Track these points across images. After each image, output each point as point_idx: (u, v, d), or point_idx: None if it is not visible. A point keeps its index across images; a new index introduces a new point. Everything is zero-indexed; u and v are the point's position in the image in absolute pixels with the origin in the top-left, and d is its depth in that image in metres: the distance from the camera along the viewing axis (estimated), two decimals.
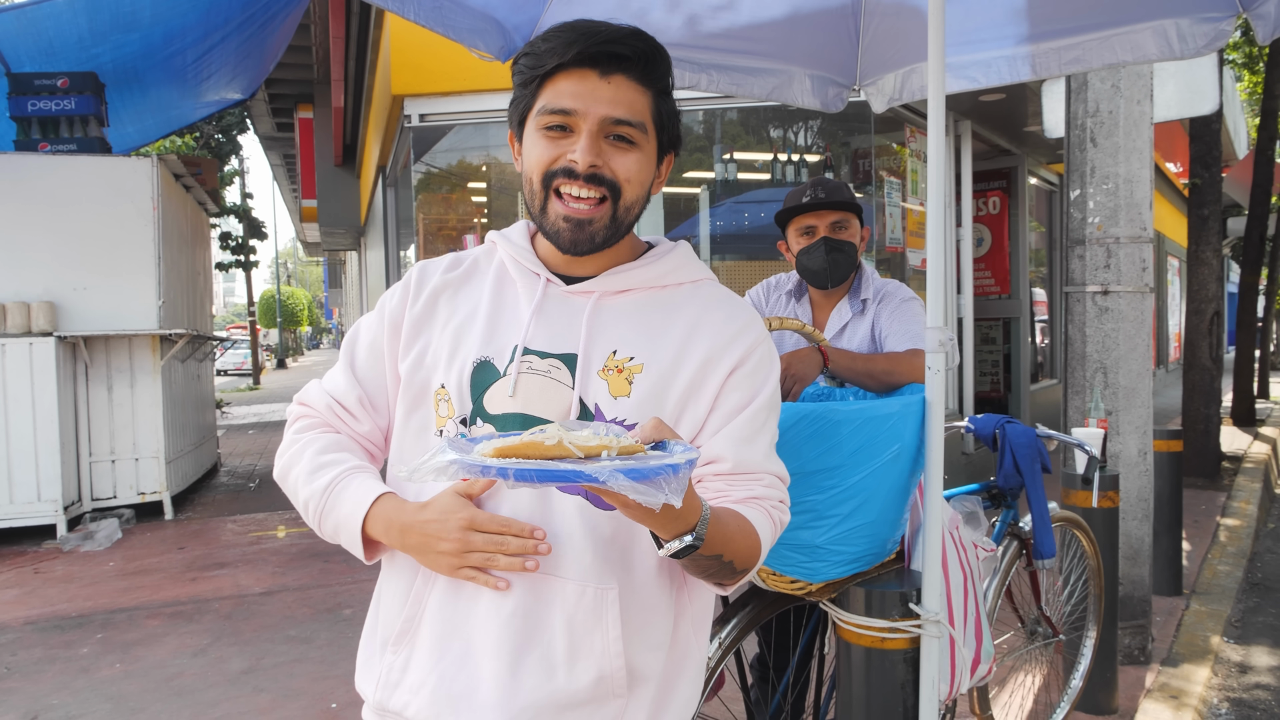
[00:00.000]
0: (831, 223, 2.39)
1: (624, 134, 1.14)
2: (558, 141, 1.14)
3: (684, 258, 1.26)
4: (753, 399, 1.18)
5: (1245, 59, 12.75)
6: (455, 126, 6.92)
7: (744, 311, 1.24)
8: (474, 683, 1.13)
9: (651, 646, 1.18)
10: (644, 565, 1.17)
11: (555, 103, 1.13)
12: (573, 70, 1.13)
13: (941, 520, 1.86)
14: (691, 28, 2.31)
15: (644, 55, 1.14)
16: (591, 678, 1.12)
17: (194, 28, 7.35)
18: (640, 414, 1.14)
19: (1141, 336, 3.74)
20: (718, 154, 6.99)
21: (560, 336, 1.18)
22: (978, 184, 8.46)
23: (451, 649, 1.15)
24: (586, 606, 1.12)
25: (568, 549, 1.12)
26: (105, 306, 6.78)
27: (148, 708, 3.55)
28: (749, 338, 1.20)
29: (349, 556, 5.76)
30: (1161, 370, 16.52)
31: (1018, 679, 3.30)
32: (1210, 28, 2.10)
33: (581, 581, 1.12)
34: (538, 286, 1.21)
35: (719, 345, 1.18)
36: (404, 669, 1.17)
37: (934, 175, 1.98)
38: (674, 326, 1.19)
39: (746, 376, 1.18)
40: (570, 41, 1.11)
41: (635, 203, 1.18)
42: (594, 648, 1.12)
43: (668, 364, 1.16)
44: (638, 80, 1.15)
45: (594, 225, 1.15)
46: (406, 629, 1.18)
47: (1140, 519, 3.78)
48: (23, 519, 6.42)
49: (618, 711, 1.15)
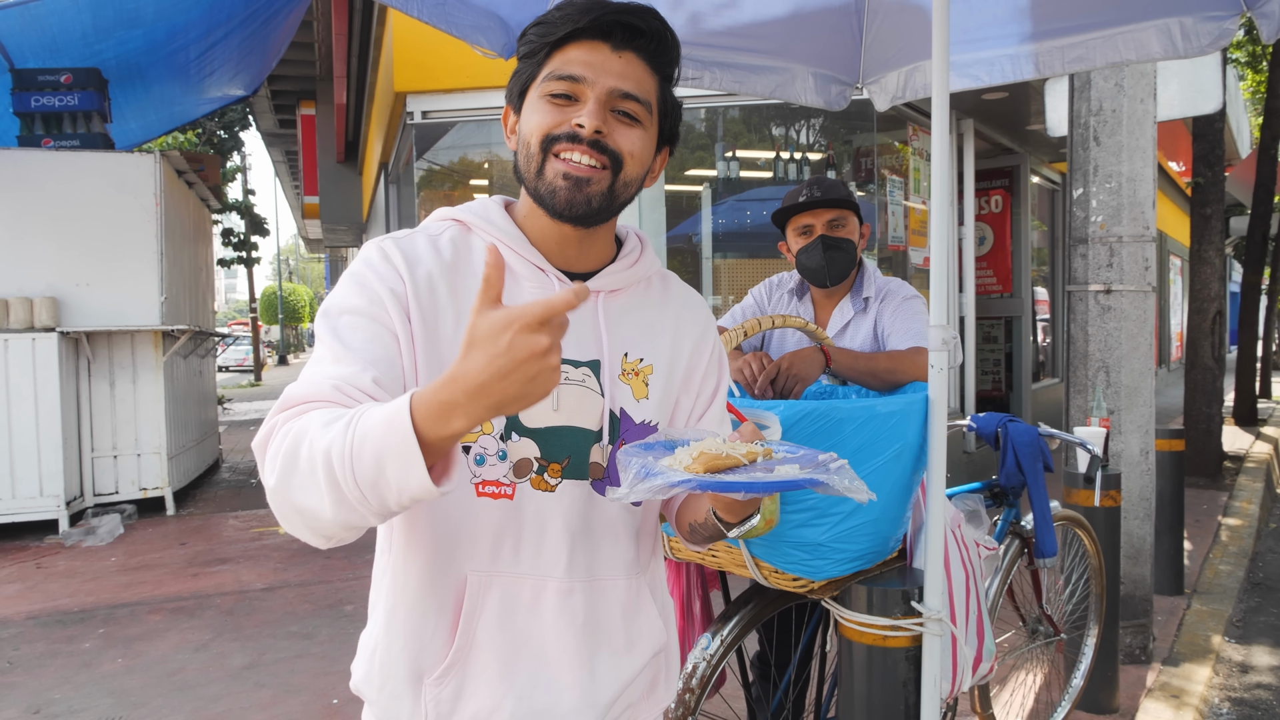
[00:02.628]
0: (828, 221, 2.39)
1: (630, 110, 1.11)
2: (562, 109, 1.09)
3: (649, 249, 1.27)
4: (719, 384, 1.27)
5: (1249, 58, 12.73)
6: (457, 124, 6.92)
7: (701, 301, 1.31)
8: (555, 695, 1.13)
9: (668, 615, 1.29)
10: (656, 551, 1.28)
11: (564, 69, 1.09)
12: (585, 41, 1.10)
13: (944, 518, 1.86)
14: (694, 25, 2.31)
15: (657, 35, 1.13)
16: (647, 657, 1.21)
17: (197, 24, 7.35)
18: (658, 414, 1.18)
19: (1144, 336, 3.74)
20: (719, 152, 6.99)
21: (581, 342, 1.14)
22: (980, 182, 8.45)
23: (521, 669, 1.12)
24: (633, 597, 1.19)
25: (614, 548, 1.17)
26: (108, 302, 6.79)
27: (149, 702, 3.55)
28: (711, 327, 1.29)
29: (350, 553, 5.80)
30: (1163, 370, 16.51)
31: (1019, 677, 3.30)
32: (1214, 26, 2.09)
33: (627, 577, 1.19)
34: (549, 287, 1.13)
35: (695, 337, 1.25)
36: (456, 698, 1.11)
37: (938, 173, 1.98)
38: (663, 322, 1.22)
39: (716, 362, 1.27)
40: (585, 9, 1.09)
41: (633, 181, 1.13)
42: (644, 631, 1.21)
43: (668, 361, 1.21)
44: (647, 60, 1.13)
45: (592, 186, 1.08)
46: (457, 659, 1.10)
47: (1142, 518, 3.78)
48: (25, 514, 6.44)
49: (656, 670, 1.26)
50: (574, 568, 1.13)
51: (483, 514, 1.10)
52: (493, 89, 6.28)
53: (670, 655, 1.30)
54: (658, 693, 1.28)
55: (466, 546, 1.10)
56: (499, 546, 1.10)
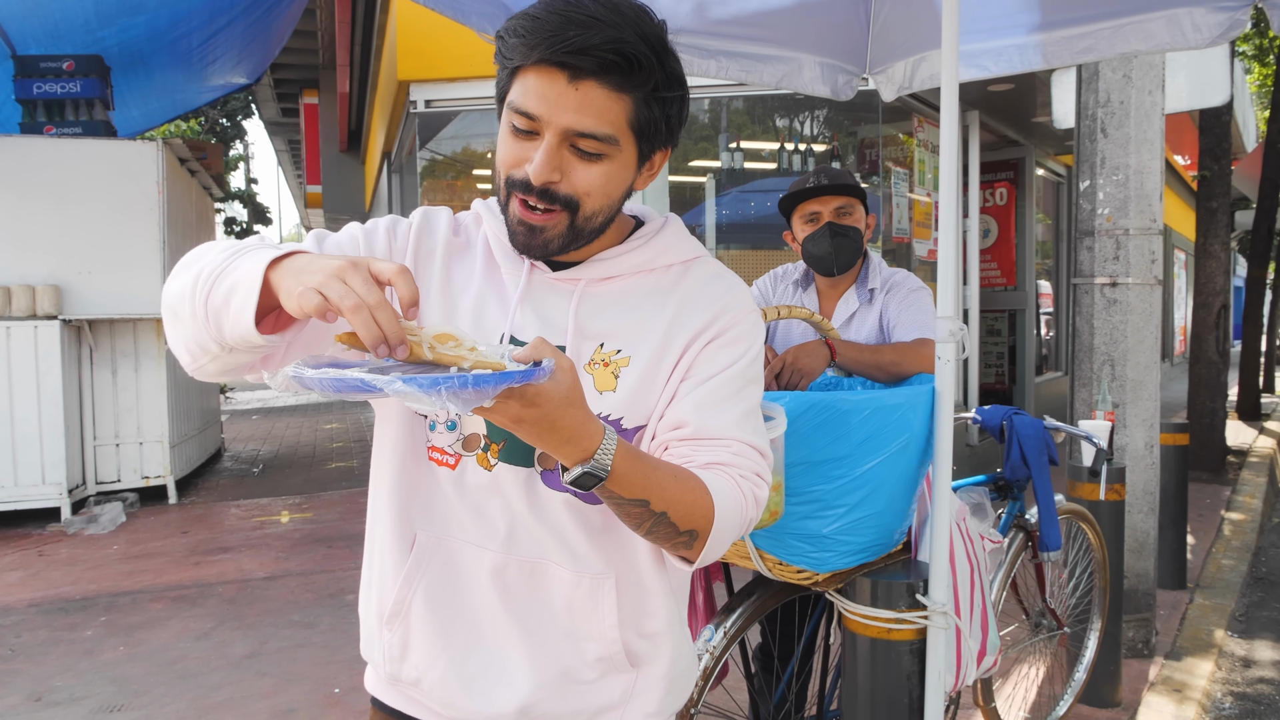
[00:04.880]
0: (836, 208, 2.38)
1: (586, 148, 1.05)
2: (523, 144, 1.06)
3: (673, 237, 1.20)
4: (727, 366, 1.13)
5: (1256, 51, 12.66)
6: (461, 113, 6.90)
7: (731, 286, 1.19)
8: (486, 665, 1.15)
9: (653, 630, 1.19)
10: (645, 553, 1.17)
11: (522, 103, 1.04)
12: (542, 67, 1.02)
13: (949, 511, 1.85)
14: (700, 14, 2.29)
15: (616, 64, 1.01)
16: (593, 656, 1.15)
17: (199, 11, 7.33)
18: (627, 409, 1.11)
19: (1149, 329, 3.73)
20: (723, 143, 6.97)
21: (548, 327, 1.13)
22: (985, 175, 8.42)
23: (458, 633, 1.15)
24: (583, 594, 1.13)
25: (559, 541, 1.13)
26: (110, 290, 6.78)
27: (151, 690, 3.56)
28: (733, 311, 1.16)
29: (352, 542, 5.80)
30: (1167, 364, 16.49)
31: (1022, 671, 3.30)
32: (1225, 17, 2.07)
33: (577, 571, 1.13)
34: (521, 273, 1.15)
35: (703, 322, 1.14)
36: (404, 646, 1.17)
37: (946, 165, 1.96)
38: (662, 312, 1.14)
39: (723, 346, 1.14)
40: (533, 43, 1.01)
41: (597, 213, 1.09)
42: (592, 632, 1.15)
43: (652, 355, 1.12)
44: (612, 87, 1.03)
45: (547, 233, 1.08)
46: (398, 610, 1.16)
47: (1146, 512, 3.77)
48: (27, 501, 6.44)
49: (626, 688, 1.18)
50: (513, 546, 1.13)
51: (429, 478, 1.16)
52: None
53: (644, 684, 1.19)
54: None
55: (418, 507, 1.16)
56: (445, 512, 1.15)
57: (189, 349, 1.02)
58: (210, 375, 1.06)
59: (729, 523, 1.05)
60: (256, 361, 1.04)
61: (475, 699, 1.14)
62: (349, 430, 11.88)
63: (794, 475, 1.72)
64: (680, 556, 1.09)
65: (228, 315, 0.94)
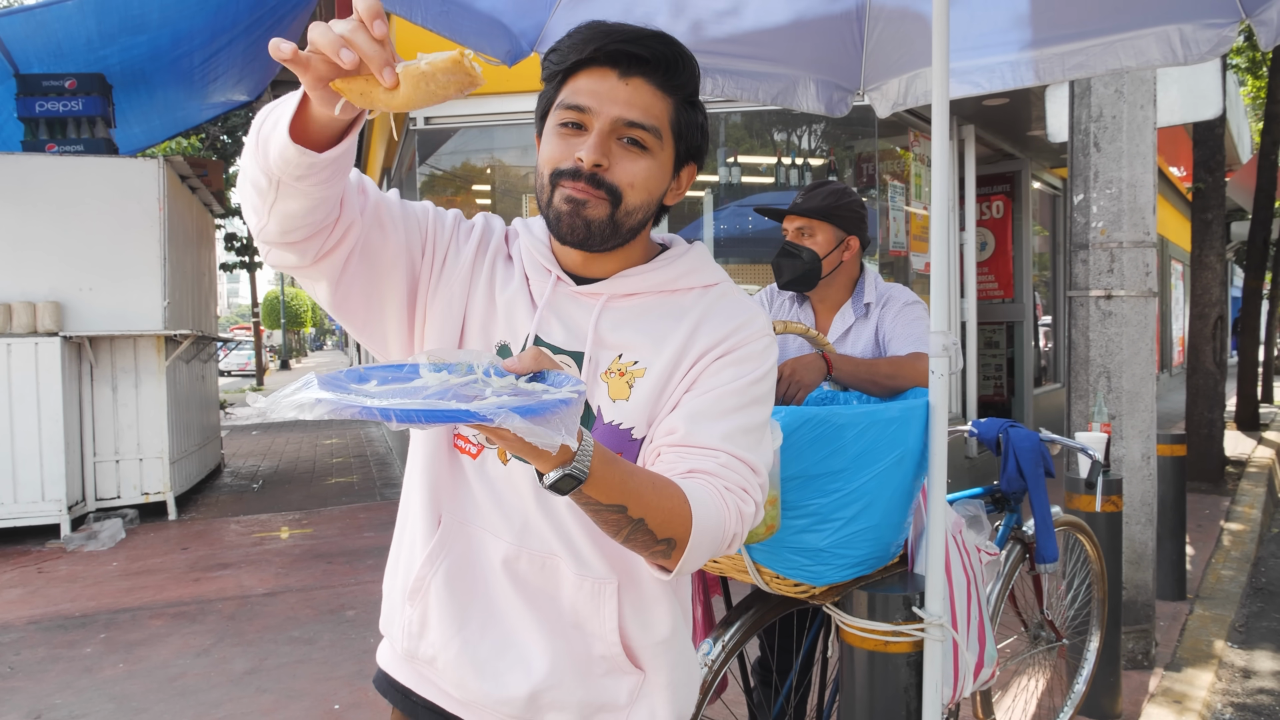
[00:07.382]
0: (797, 228, 2.45)
1: (636, 137, 1.13)
2: (569, 140, 1.14)
3: (696, 261, 1.25)
4: (729, 381, 1.14)
5: (1248, 64, 12.75)
6: (460, 129, 6.94)
7: (748, 310, 1.22)
8: (498, 650, 1.18)
9: (656, 638, 1.22)
10: (637, 569, 1.19)
11: (571, 99, 1.13)
12: (593, 69, 1.13)
13: (945, 524, 1.86)
14: (697, 33, 2.32)
15: (664, 59, 1.14)
16: (598, 654, 1.19)
17: (201, 30, 7.37)
18: (638, 418, 1.15)
19: (1144, 341, 3.74)
20: (721, 157, 7.01)
21: (572, 334, 1.19)
22: (981, 188, 8.46)
23: (473, 617, 1.19)
24: (586, 596, 1.17)
25: (564, 542, 1.17)
26: (111, 307, 6.80)
27: (151, 708, 3.56)
28: (746, 331, 1.18)
29: (353, 558, 5.80)
30: (1165, 375, 16.50)
31: (1021, 683, 3.30)
32: (1214, 33, 2.11)
33: (580, 573, 1.17)
34: (547, 283, 1.21)
35: (716, 339, 1.17)
36: (423, 623, 1.21)
37: (938, 179, 1.98)
38: (679, 329, 1.17)
39: (731, 363, 1.16)
40: (589, 39, 1.12)
41: (638, 209, 1.15)
42: (594, 631, 1.18)
43: (665, 368, 1.16)
44: (658, 85, 1.14)
45: (589, 210, 1.12)
46: (419, 586, 1.20)
47: (1144, 523, 3.78)
48: (27, 518, 6.44)
49: (632, 690, 1.21)
50: (526, 539, 1.17)
51: (453, 465, 1.21)
52: (495, 95, 6.29)
53: (648, 689, 1.22)
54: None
55: (443, 492, 1.21)
56: (468, 499, 1.20)
57: (249, 199, 1.05)
58: (272, 236, 1.06)
59: (708, 533, 1.04)
60: (316, 229, 1.06)
61: (486, 682, 1.18)
62: (349, 446, 11.88)
63: (790, 489, 1.74)
64: (659, 565, 1.08)
65: (269, 135, 0.98)
